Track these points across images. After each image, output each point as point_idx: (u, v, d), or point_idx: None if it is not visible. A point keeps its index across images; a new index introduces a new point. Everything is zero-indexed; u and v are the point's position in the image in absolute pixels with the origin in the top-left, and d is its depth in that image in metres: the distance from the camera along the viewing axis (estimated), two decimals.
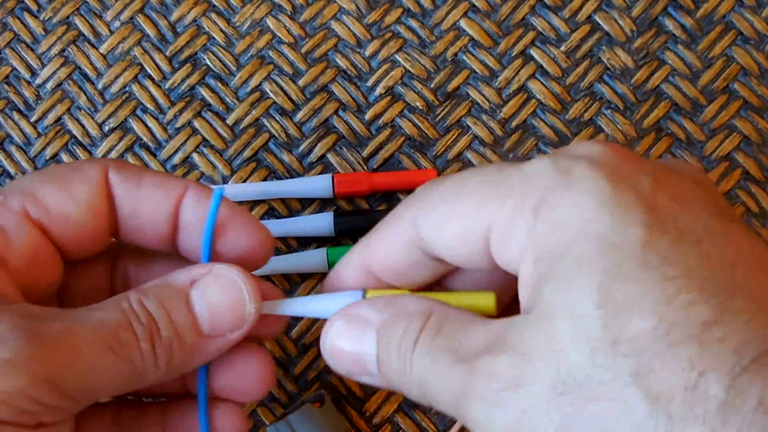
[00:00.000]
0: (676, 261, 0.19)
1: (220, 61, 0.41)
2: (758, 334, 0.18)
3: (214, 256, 0.28)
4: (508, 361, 0.20)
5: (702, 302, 0.18)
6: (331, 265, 0.38)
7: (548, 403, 0.19)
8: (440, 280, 0.27)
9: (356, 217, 0.39)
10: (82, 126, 0.41)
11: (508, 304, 0.26)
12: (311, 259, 0.38)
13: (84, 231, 0.27)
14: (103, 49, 0.42)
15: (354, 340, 0.24)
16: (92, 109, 0.41)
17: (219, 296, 0.26)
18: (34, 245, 0.26)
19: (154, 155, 0.41)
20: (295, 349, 0.39)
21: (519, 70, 0.41)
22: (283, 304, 0.29)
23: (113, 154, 0.41)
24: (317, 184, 0.39)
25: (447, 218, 0.23)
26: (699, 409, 0.17)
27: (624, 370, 0.18)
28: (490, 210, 0.22)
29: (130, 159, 0.41)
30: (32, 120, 0.41)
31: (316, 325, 0.39)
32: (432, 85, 0.41)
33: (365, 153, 0.40)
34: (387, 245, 0.25)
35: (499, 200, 0.22)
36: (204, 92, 0.41)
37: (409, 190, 0.40)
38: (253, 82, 0.41)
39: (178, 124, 0.41)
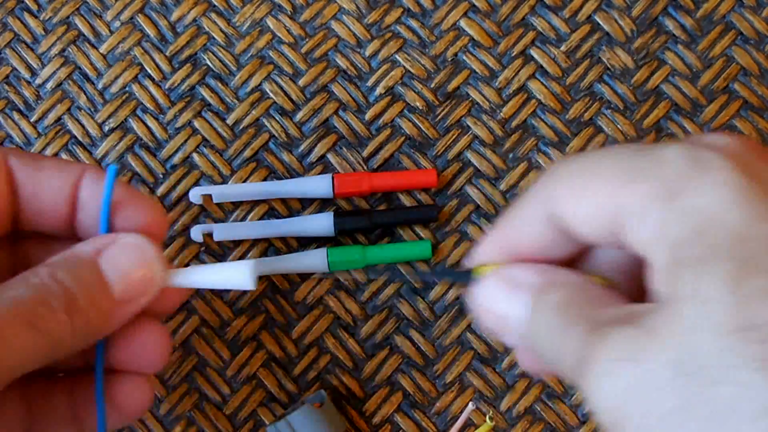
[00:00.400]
0: None
1: (220, 61, 0.41)
2: None
3: (111, 231, 0.29)
4: (633, 333, 0.20)
5: None
6: (331, 265, 0.38)
7: (665, 382, 0.19)
8: (572, 264, 0.28)
9: (356, 217, 0.39)
10: (82, 126, 0.41)
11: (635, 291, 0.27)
12: (311, 259, 0.38)
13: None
14: (103, 49, 0.42)
15: (507, 299, 0.25)
16: (92, 109, 0.41)
17: (128, 262, 0.28)
18: None
19: (154, 155, 0.41)
20: (295, 349, 0.39)
21: (519, 70, 0.41)
22: (190, 272, 0.30)
23: (113, 154, 0.41)
24: (317, 184, 0.39)
25: (581, 195, 0.24)
26: None
27: (752, 356, 0.18)
28: (624, 192, 0.22)
29: (130, 159, 0.41)
30: (32, 120, 0.41)
31: (316, 325, 0.39)
32: (432, 85, 0.41)
33: (365, 153, 0.40)
34: (523, 220, 0.26)
35: (633, 183, 0.22)
36: (204, 92, 0.41)
37: (409, 190, 0.40)
38: (253, 82, 0.41)
39: (178, 124, 0.41)
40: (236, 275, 0.30)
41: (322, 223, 0.39)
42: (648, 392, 0.19)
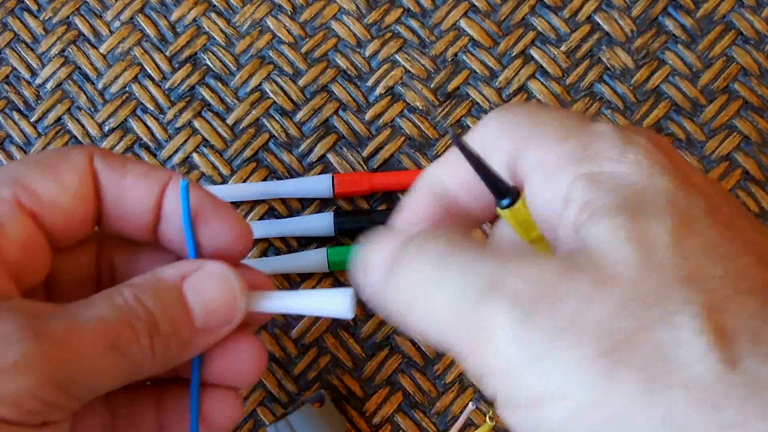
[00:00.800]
0: (735, 231, 0.20)
1: (220, 61, 0.41)
2: None
3: (196, 248, 0.29)
4: (562, 266, 0.19)
5: (762, 267, 0.19)
6: (331, 265, 0.38)
7: (605, 319, 0.18)
8: None
9: (356, 217, 0.39)
10: (82, 126, 0.41)
11: None
12: (311, 259, 0.38)
13: (73, 218, 0.27)
14: (103, 49, 0.42)
15: (378, 248, 0.23)
16: (92, 109, 0.41)
17: (212, 292, 0.27)
18: (27, 234, 0.26)
19: (154, 155, 0.41)
20: (295, 349, 0.39)
21: (519, 70, 0.41)
22: (273, 298, 0.29)
23: None
24: (317, 184, 0.39)
25: (497, 141, 0.23)
26: (764, 350, 0.18)
27: (695, 303, 0.18)
28: (542, 146, 0.22)
29: None
30: (32, 120, 0.41)
31: (316, 325, 0.39)
32: (432, 85, 0.41)
33: (365, 153, 0.40)
34: (432, 185, 0.25)
35: (554, 141, 0.22)
36: (204, 92, 0.41)
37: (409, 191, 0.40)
38: (253, 82, 0.41)
39: (178, 124, 0.41)
40: (333, 304, 0.28)
41: (322, 223, 0.39)
42: (583, 331, 0.18)
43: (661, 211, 0.20)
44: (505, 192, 0.22)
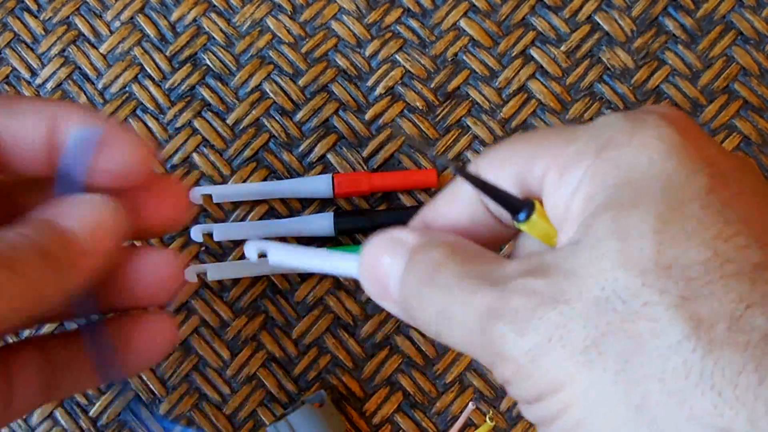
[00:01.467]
0: (736, 209, 0.20)
1: (220, 61, 0.41)
2: None
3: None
4: (550, 279, 0.20)
5: (757, 248, 0.19)
6: None
7: (586, 320, 0.19)
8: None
9: (356, 217, 0.39)
10: None
11: None
12: None
13: None
14: (103, 49, 0.42)
15: (385, 259, 0.24)
16: (92, 109, 0.41)
17: (84, 213, 0.27)
18: None
19: (154, 155, 0.41)
20: (295, 350, 0.39)
21: (519, 70, 0.41)
22: (285, 250, 0.28)
23: None
24: (317, 184, 0.39)
25: (504, 162, 0.23)
26: (741, 338, 0.18)
27: (672, 293, 0.18)
28: (550, 153, 0.22)
29: None
30: None
31: (316, 325, 0.39)
32: (432, 85, 0.41)
33: (365, 153, 0.40)
34: (449, 199, 0.25)
35: (561, 144, 0.22)
36: (204, 92, 0.41)
37: (409, 190, 0.40)
38: (253, 82, 0.41)
39: (178, 124, 0.41)
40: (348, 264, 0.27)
41: (322, 223, 0.39)
42: (569, 331, 0.19)
43: (650, 199, 0.20)
44: (519, 207, 0.22)
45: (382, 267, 0.24)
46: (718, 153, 0.21)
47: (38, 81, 0.42)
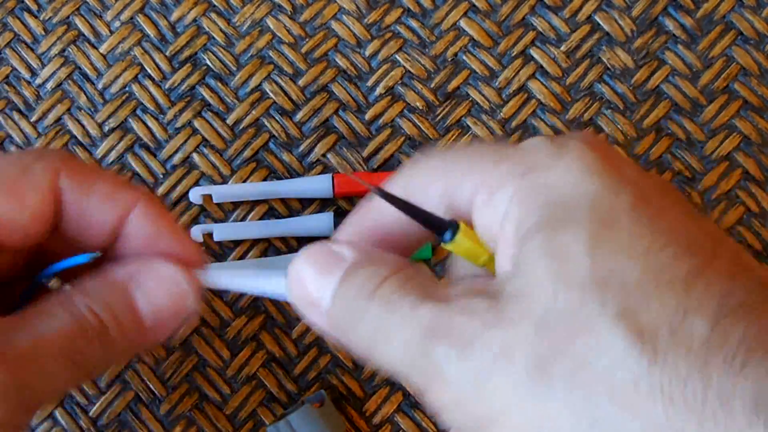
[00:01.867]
0: (662, 222, 0.20)
1: (220, 61, 0.41)
2: (739, 287, 0.19)
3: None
4: (491, 301, 0.20)
5: (688, 256, 0.19)
6: None
7: (529, 341, 0.19)
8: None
9: None
10: (82, 126, 0.41)
11: None
12: None
13: (28, 234, 0.27)
14: (103, 49, 0.42)
15: (319, 273, 0.23)
16: (92, 109, 0.41)
17: (161, 294, 0.27)
18: None
19: (154, 155, 0.41)
20: (295, 349, 0.39)
21: (519, 70, 0.41)
22: (226, 276, 0.29)
23: (113, 154, 0.41)
24: (317, 184, 0.39)
25: (434, 178, 0.23)
26: (683, 345, 0.18)
27: (610, 308, 0.19)
28: (479, 173, 0.22)
29: (130, 159, 0.41)
30: (32, 120, 0.41)
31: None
32: (432, 85, 0.41)
33: (365, 153, 0.40)
34: (378, 209, 0.25)
35: (489, 165, 0.22)
36: (204, 92, 0.41)
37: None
38: (253, 82, 0.41)
39: (178, 124, 0.41)
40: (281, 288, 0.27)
41: (322, 223, 0.39)
42: (513, 353, 0.19)
43: (580, 218, 0.20)
44: (443, 228, 0.23)
45: (313, 279, 0.23)
46: (638, 174, 0.22)
47: (38, 81, 0.42)
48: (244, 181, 0.40)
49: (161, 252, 0.28)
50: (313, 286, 0.23)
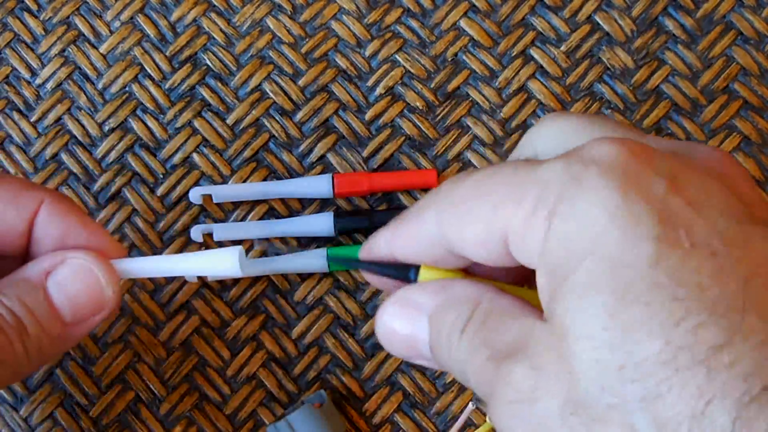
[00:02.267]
0: (686, 279, 0.18)
1: (220, 61, 0.41)
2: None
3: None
4: (526, 372, 0.20)
5: (711, 324, 0.18)
6: (331, 265, 0.38)
7: (561, 421, 0.19)
8: (467, 269, 0.27)
9: (356, 217, 0.39)
10: (82, 126, 0.41)
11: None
12: (311, 259, 0.38)
13: None
14: (103, 49, 0.42)
15: (408, 324, 0.25)
16: (92, 109, 0.41)
17: (75, 285, 0.28)
18: None
19: (154, 155, 0.41)
20: (295, 349, 0.39)
21: (519, 70, 0.41)
22: (148, 262, 0.30)
23: (113, 154, 0.41)
24: (317, 184, 0.39)
25: (466, 220, 0.23)
26: None
27: (631, 396, 0.18)
28: (506, 214, 0.22)
29: (130, 159, 0.41)
30: (32, 120, 0.41)
31: (316, 325, 0.39)
32: (432, 85, 0.41)
33: (365, 153, 0.40)
34: (411, 239, 0.25)
35: (514, 204, 0.22)
36: (204, 92, 0.41)
37: (409, 190, 0.40)
38: (253, 82, 0.41)
39: (178, 124, 0.41)
40: (222, 263, 0.29)
41: (322, 223, 0.39)
42: (548, 430, 0.19)
43: (598, 286, 0.19)
44: (406, 271, 0.25)
45: (404, 336, 0.25)
46: (670, 190, 0.20)
47: (38, 81, 0.42)
48: (244, 181, 0.40)
49: (75, 246, 0.28)
50: (405, 340, 0.25)
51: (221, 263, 0.30)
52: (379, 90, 0.41)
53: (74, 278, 0.28)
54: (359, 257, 0.26)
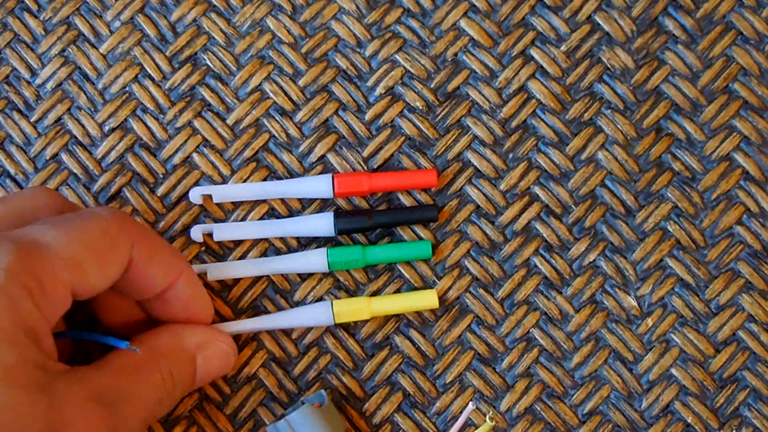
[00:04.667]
0: None
1: (220, 61, 0.41)
2: None
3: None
4: None
5: None
6: (331, 265, 0.38)
7: None
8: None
9: (356, 217, 0.39)
10: (82, 126, 0.41)
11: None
12: (311, 259, 0.38)
13: (98, 293, 0.31)
14: (103, 49, 0.42)
15: None
16: (92, 109, 0.41)
17: (214, 364, 0.35)
18: (64, 306, 0.30)
19: (154, 155, 0.41)
20: (295, 349, 0.39)
21: (519, 70, 0.41)
22: (251, 324, 0.38)
23: (113, 154, 0.41)
24: (317, 184, 0.39)
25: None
26: None
27: None
28: None
29: (130, 159, 0.41)
30: (32, 120, 0.41)
31: (316, 325, 0.39)
32: (432, 85, 0.41)
33: (365, 153, 0.40)
34: None
35: None
36: (204, 92, 0.41)
37: (409, 190, 0.40)
38: (253, 82, 0.41)
39: (178, 124, 0.41)
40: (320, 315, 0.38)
41: (322, 223, 0.39)
42: None
43: None
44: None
45: None
46: None
47: (38, 81, 0.42)
48: (244, 181, 0.40)
49: (194, 314, 0.35)
50: None
51: (317, 315, 0.38)
52: (379, 90, 0.41)
53: (217, 360, 0.35)
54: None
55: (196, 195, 0.39)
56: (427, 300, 0.38)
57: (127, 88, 0.41)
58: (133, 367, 0.31)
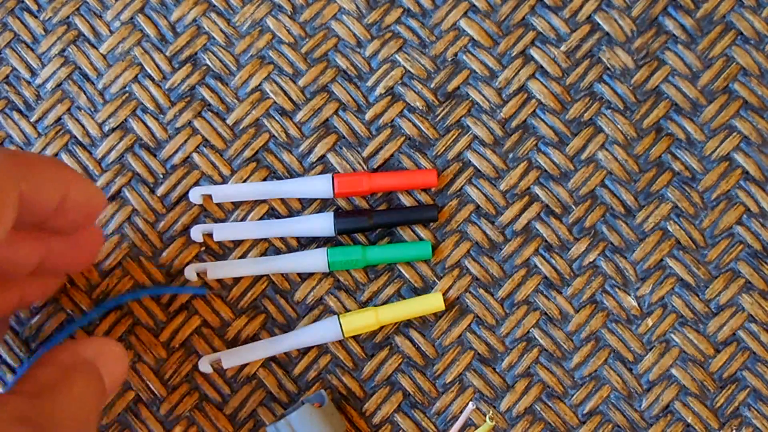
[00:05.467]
0: None
1: (220, 61, 0.41)
2: None
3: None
4: None
5: None
6: (331, 265, 0.38)
7: None
8: None
9: (356, 217, 0.39)
10: (82, 126, 0.41)
11: None
12: (311, 259, 0.38)
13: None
14: (103, 49, 0.42)
15: None
16: (92, 109, 0.41)
17: (116, 370, 0.35)
18: None
19: (154, 155, 0.41)
20: (295, 349, 0.39)
21: (519, 70, 0.41)
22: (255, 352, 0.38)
23: (113, 154, 0.41)
24: (317, 184, 0.39)
25: None
26: None
27: None
28: None
29: (130, 159, 0.41)
30: (32, 120, 0.41)
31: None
32: (432, 85, 0.41)
33: (365, 153, 0.40)
34: None
35: None
36: (204, 92, 0.41)
37: (409, 190, 0.40)
38: (253, 82, 0.41)
39: (178, 124, 0.41)
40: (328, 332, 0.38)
41: (322, 223, 0.39)
42: None
43: None
44: None
45: None
46: None
47: (38, 81, 0.42)
48: (244, 181, 0.40)
49: (94, 210, 0.34)
50: None
51: (325, 333, 0.38)
52: (379, 90, 0.41)
53: (113, 364, 0.35)
54: None
55: (196, 195, 0.39)
56: (433, 303, 0.38)
57: (127, 88, 0.41)
58: (50, 387, 0.31)
